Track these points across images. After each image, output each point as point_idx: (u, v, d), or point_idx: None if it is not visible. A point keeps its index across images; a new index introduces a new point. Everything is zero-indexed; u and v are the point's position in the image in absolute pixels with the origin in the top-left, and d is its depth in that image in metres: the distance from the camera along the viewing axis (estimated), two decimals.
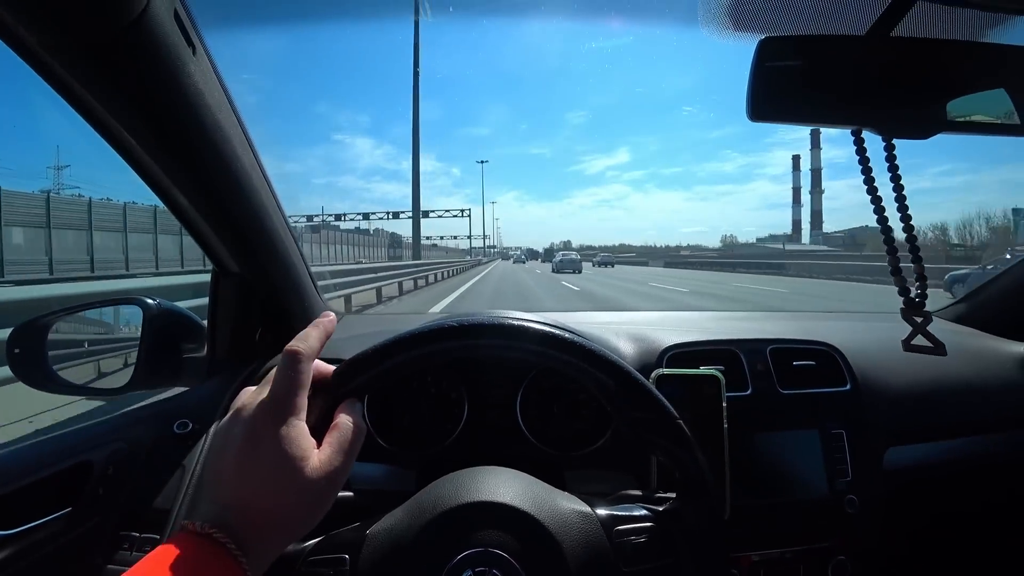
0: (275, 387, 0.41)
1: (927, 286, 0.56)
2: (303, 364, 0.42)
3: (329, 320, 0.47)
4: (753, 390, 0.77)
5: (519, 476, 0.49)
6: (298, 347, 0.43)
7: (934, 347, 0.57)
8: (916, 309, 0.56)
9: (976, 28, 0.52)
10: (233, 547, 0.35)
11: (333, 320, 0.47)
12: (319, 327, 0.46)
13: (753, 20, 0.53)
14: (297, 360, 0.42)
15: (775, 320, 1.10)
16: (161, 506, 0.64)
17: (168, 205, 0.68)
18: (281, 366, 0.42)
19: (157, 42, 0.48)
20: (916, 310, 0.56)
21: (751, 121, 0.50)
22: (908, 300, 0.56)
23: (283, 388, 0.41)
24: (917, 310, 0.56)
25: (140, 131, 0.56)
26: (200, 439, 0.69)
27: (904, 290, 0.56)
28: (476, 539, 0.43)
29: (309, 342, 0.44)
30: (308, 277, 0.90)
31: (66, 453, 0.63)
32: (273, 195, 0.75)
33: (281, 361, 0.42)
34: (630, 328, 0.89)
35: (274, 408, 0.40)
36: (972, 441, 0.85)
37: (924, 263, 0.57)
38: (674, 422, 0.47)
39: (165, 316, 0.79)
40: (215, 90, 0.59)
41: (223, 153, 0.62)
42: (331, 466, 0.40)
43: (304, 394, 0.41)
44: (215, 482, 0.39)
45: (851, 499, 0.73)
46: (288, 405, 0.40)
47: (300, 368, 0.42)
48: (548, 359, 0.47)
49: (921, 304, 0.56)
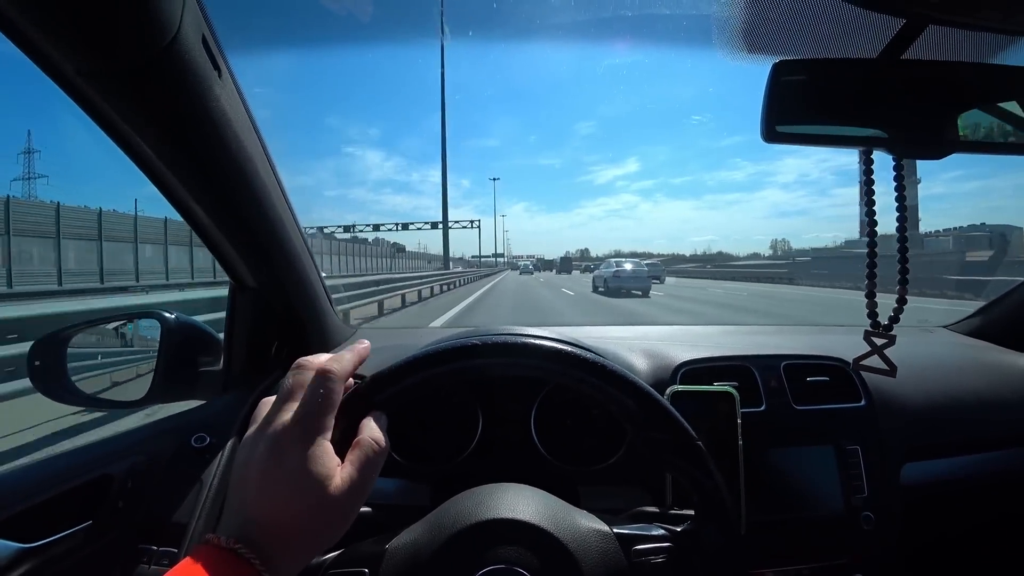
0: (305, 405, 0.41)
1: (902, 310, 0.58)
2: (335, 385, 0.42)
3: (364, 348, 0.47)
4: (767, 406, 0.77)
5: (538, 493, 0.49)
6: (332, 368, 0.43)
7: (888, 369, 0.59)
8: (880, 332, 0.58)
9: (988, 49, 0.53)
10: (257, 562, 0.36)
11: (368, 347, 0.48)
12: (355, 352, 0.46)
13: (767, 43, 0.54)
14: (330, 380, 0.42)
15: (788, 335, 1.10)
16: (179, 520, 0.64)
17: (188, 221, 0.70)
18: (314, 384, 0.42)
19: (186, 67, 0.49)
20: (880, 333, 0.58)
21: (765, 142, 0.51)
22: (874, 323, 0.58)
23: (312, 407, 0.41)
24: (882, 333, 0.58)
25: (165, 150, 0.57)
26: (217, 453, 0.70)
27: (872, 313, 0.58)
28: (496, 556, 0.44)
29: (343, 364, 0.44)
30: (323, 291, 0.91)
31: (86, 467, 0.63)
32: (291, 211, 0.76)
33: (314, 379, 0.42)
34: (644, 344, 0.89)
35: (302, 426, 0.40)
36: (989, 457, 0.84)
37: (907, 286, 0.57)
38: (693, 443, 0.47)
39: (183, 330, 0.80)
40: (239, 111, 0.60)
41: (245, 171, 0.63)
42: (354, 484, 0.40)
43: (332, 414, 0.42)
44: (240, 497, 0.40)
45: (867, 515, 0.73)
46: (316, 424, 0.41)
47: (332, 388, 0.42)
48: (565, 377, 0.48)
49: (888, 327, 0.57)
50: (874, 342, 0.58)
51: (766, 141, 0.51)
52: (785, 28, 0.53)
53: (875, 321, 0.58)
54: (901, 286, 0.56)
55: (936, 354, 0.99)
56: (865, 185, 0.55)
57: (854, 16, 0.49)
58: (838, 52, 0.53)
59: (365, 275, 17.02)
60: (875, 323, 0.58)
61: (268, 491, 0.39)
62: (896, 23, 0.48)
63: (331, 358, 0.44)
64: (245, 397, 0.77)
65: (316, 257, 0.87)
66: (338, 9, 13.48)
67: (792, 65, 0.51)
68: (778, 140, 0.51)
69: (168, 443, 0.70)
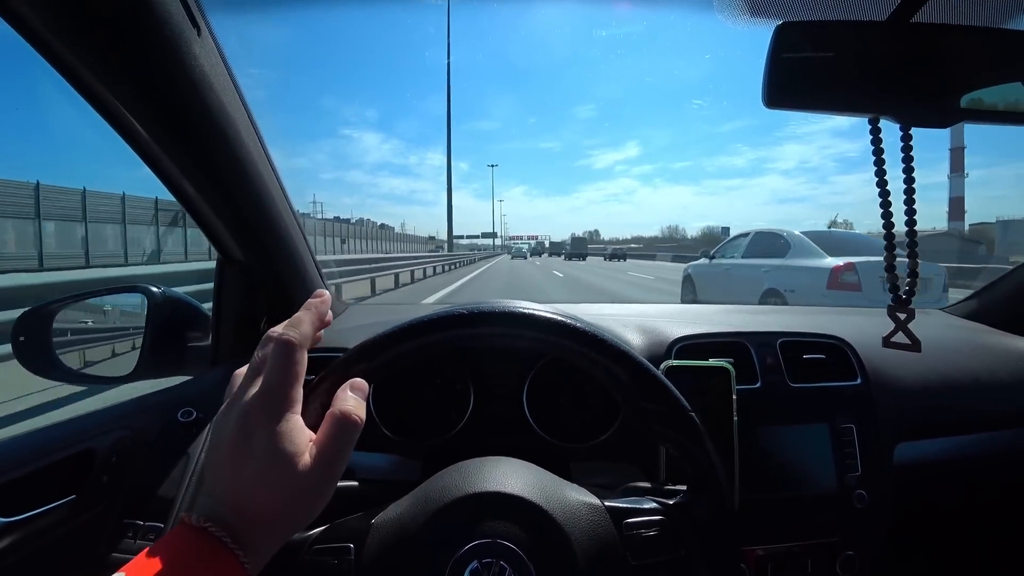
0: (267, 379, 0.39)
1: (916, 283, 0.56)
2: (297, 354, 0.40)
3: (321, 301, 0.44)
4: (763, 383, 0.77)
5: (527, 467, 0.48)
6: (290, 336, 0.40)
7: (911, 344, 0.57)
8: (902, 306, 0.56)
9: (999, 15, 0.51)
10: (229, 541, 0.35)
11: (327, 300, 0.44)
12: (311, 310, 0.43)
13: (770, 5, 0.52)
14: (290, 350, 0.39)
15: (785, 314, 1.09)
16: (166, 494, 0.64)
17: (172, 191, 0.68)
18: (273, 356, 0.39)
19: (161, 21, 0.47)
20: (902, 307, 0.56)
21: (766, 108, 0.49)
22: (896, 297, 0.57)
23: (275, 380, 0.38)
24: (903, 307, 0.56)
25: (144, 114, 0.55)
26: (204, 428, 0.69)
27: (894, 287, 0.56)
28: (483, 530, 0.43)
29: (301, 328, 0.41)
30: (314, 266, 0.89)
31: (70, 440, 0.62)
32: (279, 182, 0.75)
33: (273, 351, 0.39)
34: (639, 320, 0.88)
35: (267, 402, 0.38)
36: (982, 437, 0.84)
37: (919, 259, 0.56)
38: (686, 414, 0.46)
39: (169, 304, 0.79)
40: (220, 73, 0.58)
41: (228, 137, 0.61)
42: (325, 460, 0.38)
43: (298, 386, 0.40)
44: (210, 476, 0.38)
45: (860, 494, 0.72)
46: (281, 398, 0.38)
47: (294, 358, 0.39)
48: (558, 348, 0.47)
49: (907, 301, 0.56)
50: (898, 317, 0.56)
51: (767, 106, 0.49)
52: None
53: (896, 296, 0.56)
54: (912, 259, 0.55)
55: (933, 336, 0.98)
56: (875, 155, 0.53)
57: None
58: (844, 15, 0.51)
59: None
60: (896, 297, 0.56)
61: (237, 470, 0.37)
62: None
63: (287, 323, 0.41)
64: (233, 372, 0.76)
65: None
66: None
67: (796, 27, 0.48)
68: (780, 106, 0.49)
69: (155, 418, 0.69)
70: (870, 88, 0.49)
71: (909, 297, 0.56)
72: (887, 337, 0.58)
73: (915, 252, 0.55)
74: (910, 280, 0.56)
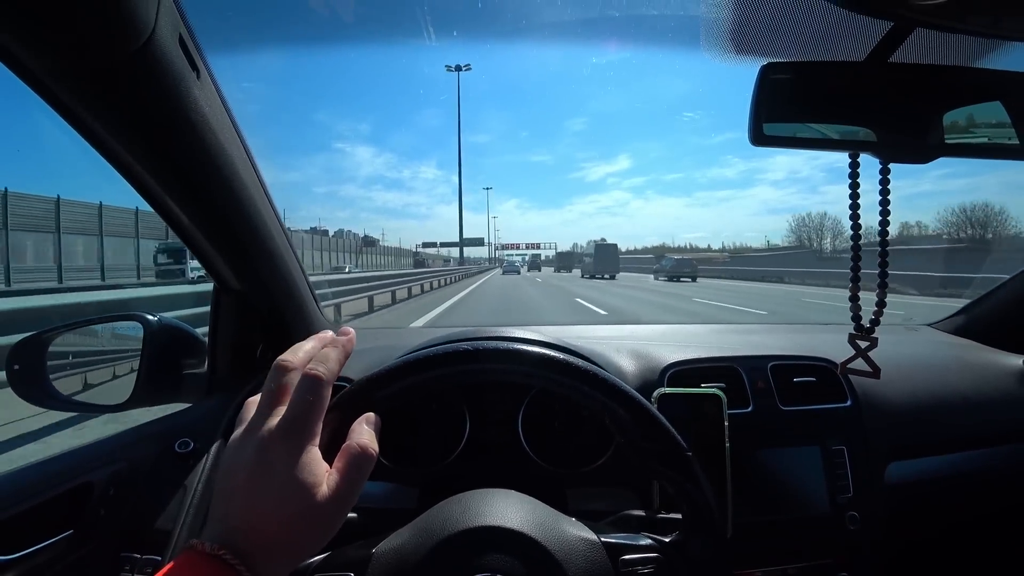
0: (292, 411, 0.40)
1: (883, 312, 0.58)
2: (323, 389, 0.41)
3: (348, 339, 0.45)
4: (754, 407, 0.78)
5: (526, 500, 0.49)
6: (319, 372, 0.41)
7: (872, 371, 0.59)
8: (864, 334, 0.58)
9: (974, 53, 0.53)
10: (243, 569, 0.35)
11: (352, 339, 0.45)
12: (339, 347, 0.44)
13: (755, 45, 0.53)
14: (318, 384, 0.40)
15: (776, 334, 1.10)
16: (162, 527, 0.63)
17: (170, 223, 0.68)
18: (299, 389, 0.40)
19: (162, 68, 0.48)
20: (864, 335, 0.58)
21: (753, 146, 0.50)
22: (858, 326, 0.58)
23: (299, 412, 0.39)
24: (865, 336, 0.58)
25: (143, 153, 0.56)
26: (201, 458, 0.69)
27: (856, 317, 0.58)
28: (482, 564, 0.43)
29: (329, 364, 0.42)
30: (309, 293, 0.89)
31: (67, 474, 0.62)
32: (275, 212, 0.75)
33: (300, 384, 0.40)
34: (631, 344, 0.89)
35: (290, 433, 0.39)
36: (973, 455, 0.85)
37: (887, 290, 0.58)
38: (684, 455, 0.47)
39: (166, 332, 0.79)
40: (218, 112, 0.59)
41: (225, 173, 0.62)
42: (341, 492, 0.39)
43: (320, 420, 0.40)
44: (225, 503, 0.39)
45: (852, 515, 0.73)
46: (303, 431, 0.39)
47: (320, 393, 0.40)
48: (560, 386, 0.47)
49: (871, 330, 0.58)
50: (858, 345, 0.58)
51: (754, 144, 0.50)
52: (772, 30, 0.52)
53: (858, 324, 0.58)
54: (881, 289, 0.57)
55: (921, 353, 1.00)
56: (851, 189, 0.55)
57: (841, 18, 0.48)
58: (825, 54, 0.52)
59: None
60: (859, 326, 0.58)
61: (255, 498, 0.38)
62: (883, 26, 0.47)
63: (316, 359, 0.42)
64: (230, 400, 0.76)
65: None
66: (322, 8, 12.67)
67: (779, 67, 0.50)
68: (766, 143, 0.50)
69: (151, 448, 0.69)
70: (851, 126, 0.51)
71: (873, 326, 0.57)
72: (845, 363, 0.60)
73: (885, 283, 0.56)
74: (876, 310, 0.57)
